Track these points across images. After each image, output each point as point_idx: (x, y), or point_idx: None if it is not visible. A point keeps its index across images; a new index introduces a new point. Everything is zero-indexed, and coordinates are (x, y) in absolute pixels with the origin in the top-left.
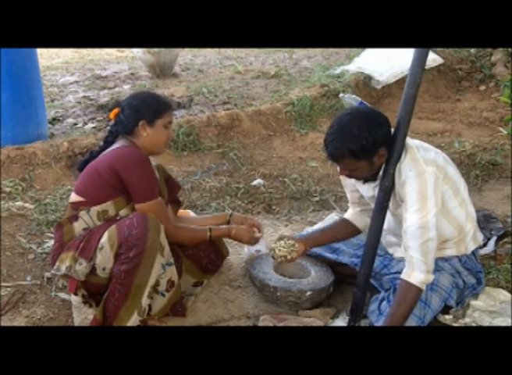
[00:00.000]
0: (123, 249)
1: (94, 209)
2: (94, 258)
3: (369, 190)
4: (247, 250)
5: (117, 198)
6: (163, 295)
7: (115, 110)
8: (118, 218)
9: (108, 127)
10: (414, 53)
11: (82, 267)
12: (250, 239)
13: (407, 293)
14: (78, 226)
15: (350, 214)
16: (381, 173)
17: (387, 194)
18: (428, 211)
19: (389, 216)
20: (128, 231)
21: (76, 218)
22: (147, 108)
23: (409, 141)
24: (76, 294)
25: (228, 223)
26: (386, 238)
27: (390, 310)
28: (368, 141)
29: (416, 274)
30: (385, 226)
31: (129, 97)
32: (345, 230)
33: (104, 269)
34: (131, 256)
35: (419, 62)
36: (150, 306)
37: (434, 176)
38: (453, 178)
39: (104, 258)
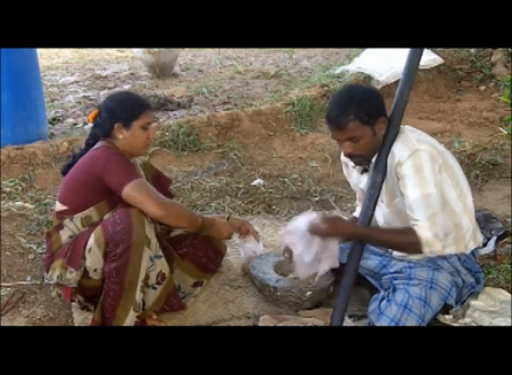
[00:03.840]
0: (110, 247)
1: (77, 216)
2: (82, 264)
3: (365, 181)
4: (243, 253)
5: (99, 203)
6: (154, 288)
7: (94, 112)
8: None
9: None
10: (408, 54)
11: (73, 275)
12: (228, 235)
13: (407, 234)
14: (64, 235)
15: (358, 212)
16: (373, 160)
17: (377, 188)
18: (428, 183)
19: (384, 209)
20: (112, 228)
21: (61, 226)
22: (123, 109)
23: (402, 126)
24: (72, 301)
25: None
26: None
27: (383, 230)
28: (370, 103)
29: (425, 231)
30: (381, 220)
31: (106, 98)
32: None
33: (95, 270)
34: (119, 253)
35: (412, 63)
36: (143, 301)
37: (429, 153)
38: (452, 167)
39: (94, 260)
